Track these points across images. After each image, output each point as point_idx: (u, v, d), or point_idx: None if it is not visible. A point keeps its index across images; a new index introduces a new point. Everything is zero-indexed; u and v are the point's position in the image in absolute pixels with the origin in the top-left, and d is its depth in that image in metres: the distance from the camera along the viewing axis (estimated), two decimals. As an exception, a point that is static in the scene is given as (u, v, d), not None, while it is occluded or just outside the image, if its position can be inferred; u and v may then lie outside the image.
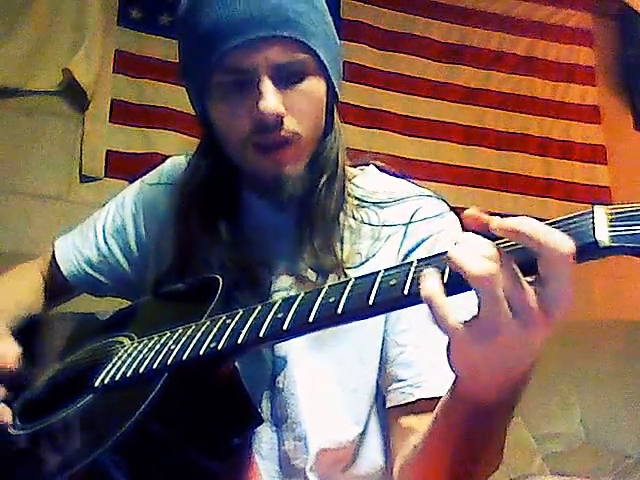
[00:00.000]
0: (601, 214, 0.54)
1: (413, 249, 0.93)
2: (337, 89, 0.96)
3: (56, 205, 2.49)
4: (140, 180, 1.14)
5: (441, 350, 0.85)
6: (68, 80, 2.57)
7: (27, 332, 1.00)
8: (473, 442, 0.69)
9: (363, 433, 0.92)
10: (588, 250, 0.53)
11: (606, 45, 3.41)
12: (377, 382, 0.92)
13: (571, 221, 0.55)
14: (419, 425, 0.82)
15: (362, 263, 0.92)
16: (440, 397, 0.81)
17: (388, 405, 0.89)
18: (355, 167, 1.03)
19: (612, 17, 3.42)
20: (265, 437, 0.89)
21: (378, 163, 1.04)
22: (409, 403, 0.86)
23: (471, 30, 3.24)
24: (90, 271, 1.11)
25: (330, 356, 0.91)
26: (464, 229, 0.95)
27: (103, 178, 2.57)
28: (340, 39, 0.98)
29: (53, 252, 1.14)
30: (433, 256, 0.60)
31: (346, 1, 3.03)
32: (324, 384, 0.91)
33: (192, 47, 0.91)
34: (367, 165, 1.04)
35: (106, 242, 1.10)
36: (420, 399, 0.85)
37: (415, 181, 1.04)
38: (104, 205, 1.16)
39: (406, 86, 3.07)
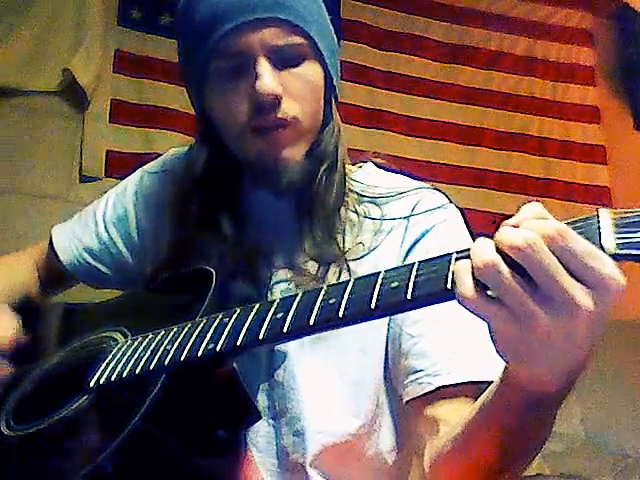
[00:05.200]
0: (606, 219, 0.53)
1: (417, 240, 0.93)
2: (335, 82, 0.96)
3: (56, 205, 2.49)
4: (141, 169, 1.13)
5: (455, 337, 0.84)
6: (68, 80, 2.57)
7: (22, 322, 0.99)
8: (521, 434, 0.66)
9: (369, 428, 0.91)
10: None
11: (606, 45, 3.41)
12: (384, 375, 0.91)
13: (576, 225, 0.54)
14: (445, 414, 0.81)
15: (365, 255, 0.92)
16: (459, 383, 0.81)
17: (407, 398, 0.87)
18: (354, 164, 1.03)
19: (612, 17, 3.41)
20: (262, 431, 0.89)
21: (376, 160, 1.05)
22: (429, 393, 0.84)
23: (471, 30, 3.24)
24: (90, 260, 1.09)
25: (332, 348, 0.90)
26: (467, 224, 0.96)
27: (103, 178, 2.57)
28: (340, 39, 0.98)
29: (50, 241, 1.12)
30: (435, 257, 0.59)
31: (346, 1, 3.03)
32: (325, 377, 0.90)
33: (190, 37, 0.92)
34: (365, 162, 1.05)
35: (107, 230, 1.09)
36: (440, 387, 0.83)
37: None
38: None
39: (406, 86, 3.07)
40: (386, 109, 3.01)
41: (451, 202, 0.97)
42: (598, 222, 0.53)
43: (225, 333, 0.69)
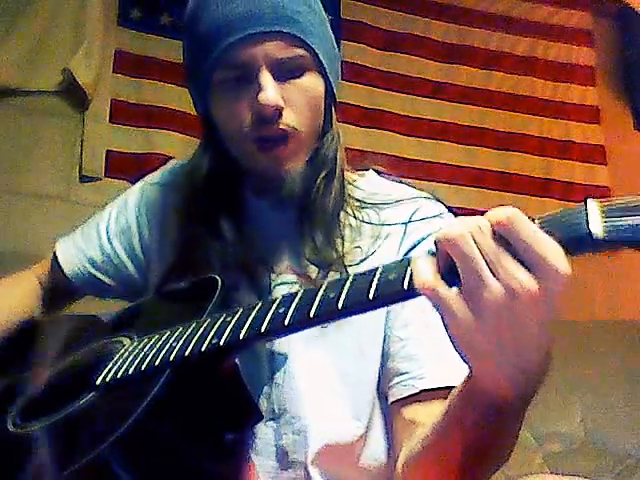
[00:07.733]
0: (594, 207, 0.54)
1: (413, 246, 0.95)
2: (335, 90, 0.98)
3: (56, 205, 2.49)
4: (142, 181, 1.15)
5: (443, 342, 0.86)
6: (68, 80, 2.57)
7: (28, 333, 1.00)
8: (484, 440, 0.67)
9: (366, 428, 0.92)
10: (582, 242, 0.53)
11: (606, 45, 3.41)
12: (379, 377, 0.93)
13: (565, 214, 0.55)
14: (423, 417, 0.83)
15: (363, 260, 0.93)
16: (443, 387, 0.83)
17: (391, 400, 0.89)
18: (355, 172, 1.05)
19: (612, 17, 3.42)
20: (259, 433, 0.90)
21: (378, 167, 1.07)
22: (412, 395, 0.86)
23: (471, 30, 3.24)
24: (94, 271, 1.11)
25: (331, 350, 0.91)
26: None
27: (103, 178, 2.57)
28: (340, 39, 1.00)
29: (54, 254, 1.14)
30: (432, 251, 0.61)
31: (346, 1, 3.03)
32: (325, 378, 0.91)
33: (194, 46, 0.94)
34: (367, 170, 1.06)
35: (110, 242, 1.11)
36: (423, 390, 0.85)
37: (414, 182, 1.06)
38: (104, 205, 1.17)
39: (406, 86, 3.07)
40: (386, 109, 3.01)
41: (450, 211, 0.99)
42: (586, 210, 0.54)
43: (229, 329, 0.71)
